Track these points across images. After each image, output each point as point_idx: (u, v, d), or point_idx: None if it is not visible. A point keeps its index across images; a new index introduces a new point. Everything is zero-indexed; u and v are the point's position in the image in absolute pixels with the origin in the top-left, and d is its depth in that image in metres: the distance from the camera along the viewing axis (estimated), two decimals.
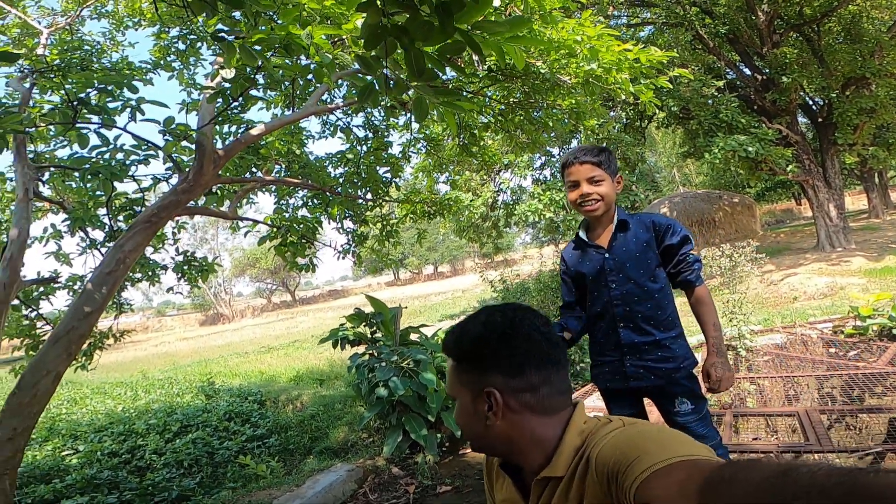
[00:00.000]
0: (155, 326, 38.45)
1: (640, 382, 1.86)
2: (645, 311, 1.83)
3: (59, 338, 2.42)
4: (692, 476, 0.61)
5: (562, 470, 0.87)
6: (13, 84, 2.83)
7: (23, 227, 2.88)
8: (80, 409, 6.90)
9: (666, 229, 1.85)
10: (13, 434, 2.43)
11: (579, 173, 1.82)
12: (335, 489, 3.39)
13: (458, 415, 0.98)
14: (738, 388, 4.02)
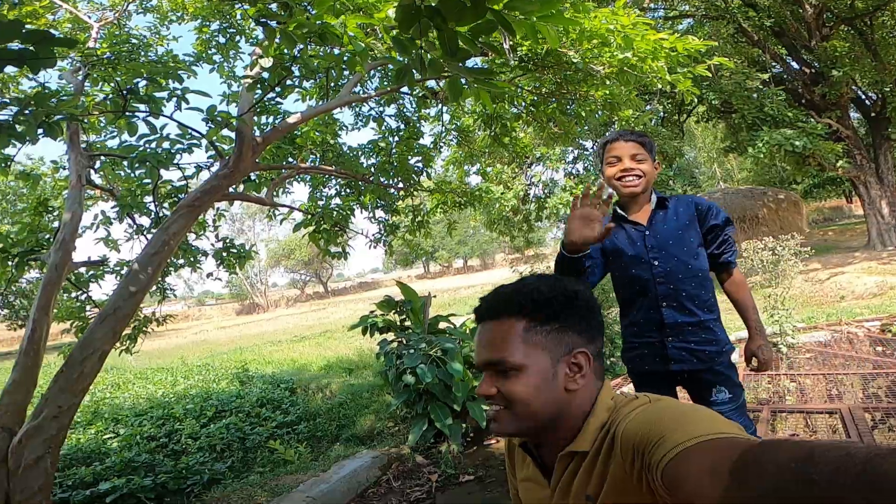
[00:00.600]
0: (195, 315, 39.92)
1: (681, 365, 1.81)
2: (689, 289, 1.79)
3: (106, 317, 2.55)
4: (722, 456, 0.59)
5: (587, 445, 0.86)
6: (67, 76, 2.99)
7: (75, 212, 3.04)
8: (124, 394, 7.19)
9: (708, 210, 1.84)
10: (59, 412, 2.51)
11: (623, 149, 1.81)
12: (359, 475, 3.45)
13: (528, 383, 0.86)
14: (778, 385, 3.90)
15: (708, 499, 0.57)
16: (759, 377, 4.05)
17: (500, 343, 0.88)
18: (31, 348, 2.63)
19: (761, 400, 3.63)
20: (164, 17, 3.91)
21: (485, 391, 0.89)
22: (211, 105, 2.48)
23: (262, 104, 3.43)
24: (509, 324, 0.88)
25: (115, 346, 4.43)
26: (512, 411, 0.87)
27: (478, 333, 0.94)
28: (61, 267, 2.87)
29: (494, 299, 0.92)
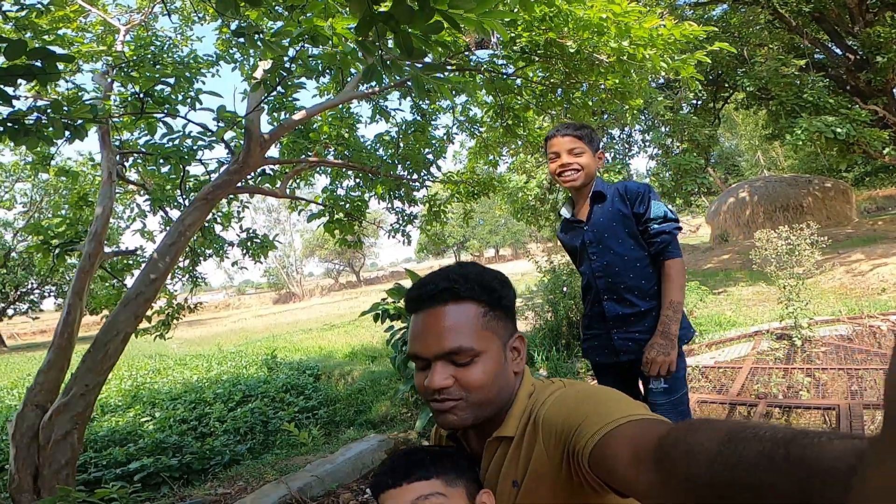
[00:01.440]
0: (235, 304, 41.44)
1: (629, 356, 1.80)
2: (628, 281, 1.79)
3: (129, 301, 2.76)
4: (642, 440, 0.60)
5: (513, 430, 0.86)
6: (97, 78, 3.22)
7: (106, 206, 3.28)
8: (162, 379, 7.57)
9: (635, 197, 1.79)
10: (85, 390, 2.65)
11: (560, 145, 1.83)
12: (364, 457, 3.58)
13: (486, 370, 0.84)
14: (791, 378, 3.81)
15: (636, 483, 0.58)
16: (772, 369, 3.97)
17: (460, 329, 0.83)
18: (65, 330, 2.85)
19: (759, 394, 3.56)
20: (187, 19, 4.12)
21: (442, 384, 0.82)
22: (220, 106, 2.64)
23: (278, 101, 3.60)
24: (466, 308, 0.85)
25: (148, 332, 4.76)
26: (469, 401, 0.84)
27: (423, 320, 0.86)
28: (94, 256, 3.10)
29: (444, 282, 0.85)
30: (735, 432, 0.46)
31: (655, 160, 10.86)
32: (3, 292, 20.81)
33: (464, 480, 0.85)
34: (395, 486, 0.82)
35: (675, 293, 1.75)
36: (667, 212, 1.79)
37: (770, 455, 0.40)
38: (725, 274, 9.89)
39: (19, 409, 2.68)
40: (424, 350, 0.85)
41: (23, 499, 2.49)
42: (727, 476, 0.43)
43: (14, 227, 20.26)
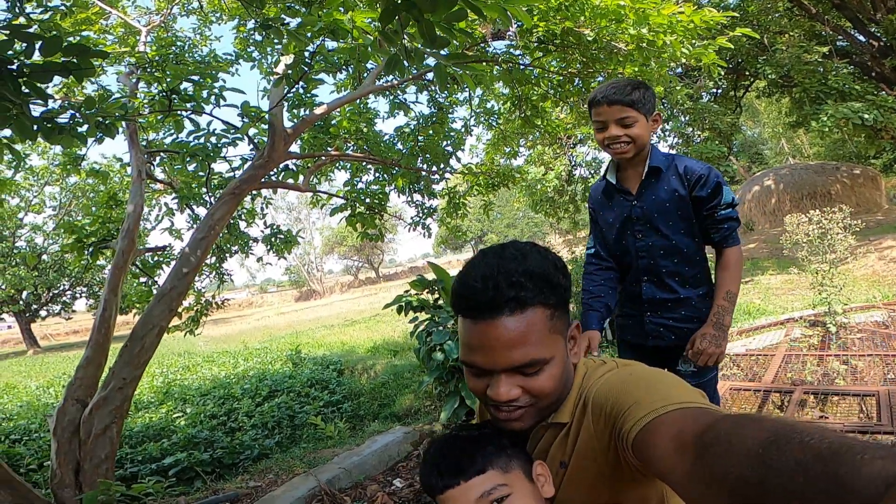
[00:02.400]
0: (258, 302, 42.13)
1: (659, 342, 1.74)
2: (671, 266, 1.69)
3: (163, 295, 2.83)
4: (686, 429, 0.59)
5: (568, 416, 0.83)
6: (122, 79, 3.32)
7: (137, 204, 3.38)
8: (192, 376, 7.72)
9: (697, 179, 1.63)
10: (123, 384, 2.69)
11: (607, 114, 1.62)
12: (390, 449, 3.61)
13: (554, 374, 0.79)
14: (827, 366, 3.73)
15: (675, 472, 0.57)
16: (806, 357, 3.89)
17: (529, 341, 0.76)
18: (102, 325, 2.91)
19: (795, 381, 3.49)
20: (205, 19, 4.21)
21: (509, 395, 0.77)
22: (244, 101, 2.70)
23: (297, 97, 3.65)
24: (534, 315, 0.76)
25: (179, 329, 4.89)
26: (537, 406, 0.81)
27: (486, 332, 0.76)
28: (127, 253, 3.19)
29: (509, 289, 0.75)
30: (780, 435, 0.45)
31: (675, 149, 10.69)
32: (36, 294, 21.49)
33: (517, 461, 0.82)
34: (452, 486, 0.78)
35: (733, 283, 1.65)
36: (733, 197, 1.67)
37: (807, 468, 0.39)
38: (752, 263, 9.69)
39: (60, 403, 2.71)
40: (487, 363, 0.77)
41: (64, 494, 2.50)
42: (758, 480, 0.43)
43: (44, 231, 20.93)
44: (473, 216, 24.79)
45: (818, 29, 10.17)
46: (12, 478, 2.33)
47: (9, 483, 2.29)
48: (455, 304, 0.81)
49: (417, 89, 4.57)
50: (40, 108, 1.67)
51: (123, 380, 2.69)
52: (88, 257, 3.87)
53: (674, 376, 0.76)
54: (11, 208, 18.48)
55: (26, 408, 6.26)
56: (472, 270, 0.80)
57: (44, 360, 15.39)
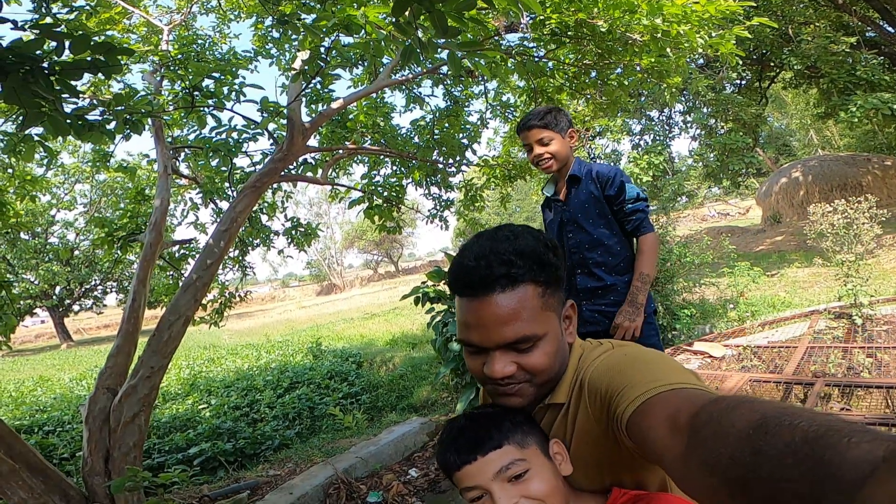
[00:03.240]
0: (280, 296, 42.81)
1: (595, 327, 1.93)
2: (596, 257, 1.94)
3: (189, 286, 2.91)
4: (680, 411, 0.58)
5: (564, 397, 0.84)
6: (147, 77, 3.42)
7: (164, 198, 3.49)
8: (217, 368, 7.94)
9: (606, 181, 1.93)
10: (151, 372, 2.73)
11: (529, 137, 1.96)
12: (406, 439, 3.69)
13: (548, 351, 0.81)
14: (851, 359, 3.66)
15: (668, 454, 0.57)
16: (830, 349, 3.82)
17: (521, 317, 0.78)
18: (131, 316, 2.98)
19: (816, 373, 3.43)
20: (224, 17, 4.30)
21: (504, 371, 0.80)
22: (263, 97, 2.77)
23: (314, 92, 3.72)
24: (525, 292, 0.78)
25: (204, 321, 5.01)
26: (534, 382, 0.82)
27: (479, 309, 0.79)
28: (155, 245, 3.28)
29: (500, 267, 0.78)
30: (770, 418, 0.45)
31: (698, 141, 10.47)
32: (69, 289, 22.19)
33: (533, 437, 0.82)
34: (469, 461, 0.78)
35: (646, 266, 1.90)
36: (639, 192, 1.94)
37: (795, 450, 0.40)
38: (779, 256, 9.48)
39: (92, 392, 2.77)
40: (482, 340, 0.80)
41: (95, 481, 2.56)
42: (748, 462, 0.43)
43: (76, 227, 21.61)
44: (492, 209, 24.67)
45: (845, 20, 9.87)
46: (46, 466, 2.38)
47: (42, 472, 2.34)
48: (451, 283, 0.84)
49: (433, 83, 4.60)
50: (71, 105, 1.75)
51: (151, 368, 2.75)
52: (118, 251, 4.01)
53: (669, 357, 0.77)
54: (43, 205, 19.09)
55: (59, 400, 6.48)
56: (466, 251, 0.83)
57: (76, 354, 15.91)
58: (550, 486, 0.78)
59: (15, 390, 8.04)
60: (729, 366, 3.99)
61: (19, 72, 1.26)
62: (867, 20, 10.15)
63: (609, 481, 0.82)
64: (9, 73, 1.24)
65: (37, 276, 19.79)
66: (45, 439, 4.47)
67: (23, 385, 8.64)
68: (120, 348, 2.90)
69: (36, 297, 20.62)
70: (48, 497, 2.28)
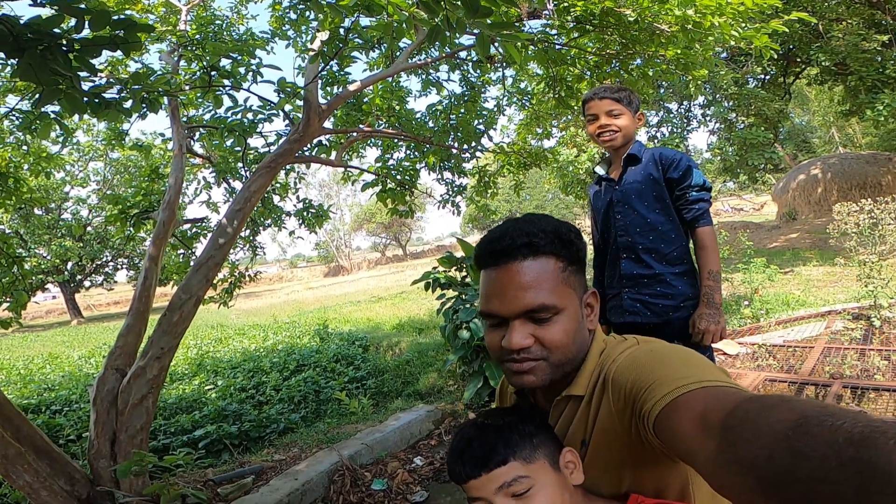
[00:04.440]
0: (288, 277, 43.11)
1: (635, 318, 1.84)
2: (647, 242, 1.84)
3: (201, 265, 2.88)
4: (710, 410, 0.57)
5: (583, 389, 0.84)
6: (164, 57, 3.39)
7: (178, 177, 3.48)
8: (224, 348, 7.83)
9: (670, 163, 1.84)
10: (160, 353, 2.69)
11: (598, 107, 1.88)
12: (413, 427, 3.68)
13: (567, 328, 0.82)
14: (867, 361, 3.60)
15: (699, 453, 0.55)
16: (845, 351, 3.76)
17: (541, 286, 0.80)
18: (143, 294, 2.96)
19: (835, 374, 3.38)
20: None
21: (522, 343, 0.80)
22: (280, 77, 2.73)
23: (331, 75, 3.67)
24: (546, 263, 0.81)
25: (213, 301, 5.03)
26: (550, 360, 0.82)
27: (500, 276, 0.81)
28: (168, 223, 3.28)
29: (522, 237, 0.81)
30: (810, 417, 0.43)
31: (717, 135, 10.28)
32: (81, 265, 22.42)
33: (542, 450, 0.82)
34: (475, 476, 0.79)
35: (713, 262, 1.80)
36: (705, 181, 1.85)
37: (839, 451, 0.38)
38: (793, 253, 9.34)
39: (100, 373, 2.73)
40: (502, 308, 0.81)
41: (100, 465, 2.52)
42: (786, 462, 0.42)
43: (89, 204, 21.79)
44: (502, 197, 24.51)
45: (878, 17, 9.61)
46: (51, 448, 2.36)
47: (48, 454, 2.32)
48: (476, 258, 0.87)
49: (450, 68, 4.53)
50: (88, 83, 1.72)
51: (161, 349, 2.71)
52: (131, 228, 4.02)
53: (697, 353, 0.75)
54: (57, 182, 19.24)
55: (68, 378, 6.41)
56: (492, 230, 0.88)
57: (86, 331, 16.04)
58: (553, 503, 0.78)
59: (24, 367, 8.00)
60: (743, 364, 3.95)
61: (37, 49, 1.23)
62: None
63: (629, 480, 0.81)
64: (26, 49, 1.22)
65: (49, 252, 20.03)
66: (52, 419, 4.43)
67: (32, 362, 8.62)
68: (130, 327, 2.87)
69: (47, 273, 20.88)
70: (53, 480, 2.25)
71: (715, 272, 1.78)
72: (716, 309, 1.75)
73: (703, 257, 1.81)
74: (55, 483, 2.27)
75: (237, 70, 3.03)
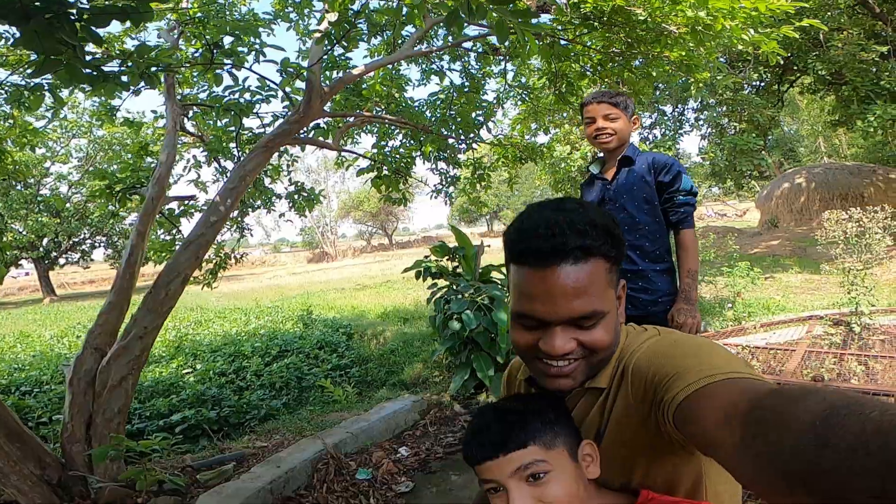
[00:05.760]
0: (271, 261, 42.64)
1: None
2: (633, 240, 1.94)
3: (190, 243, 2.81)
4: (736, 401, 0.56)
5: (606, 381, 0.82)
6: (164, 35, 3.30)
7: (170, 153, 3.40)
8: (204, 331, 7.66)
9: (662, 167, 1.94)
10: (144, 333, 2.60)
11: (596, 111, 1.98)
12: (398, 417, 3.66)
13: (609, 329, 0.78)
14: (844, 366, 3.70)
15: (723, 445, 0.54)
16: (825, 355, 3.86)
17: (591, 292, 0.75)
18: (127, 271, 2.84)
19: (817, 376, 3.48)
20: None
21: (564, 348, 0.76)
22: (284, 58, 2.69)
23: (332, 59, 3.61)
24: (598, 266, 0.75)
25: (197, 281, 4.93)
26: (588, 361, 0.79)
27: (548, 279, 0.74)
28: (157, 199, 3.19)
29: (576, 237, 0.73)
30: (838, 408, 0.42)
31: (708, 139, 10.41)
32: (56, 241, 21.81)
33: (562, 438, 0.80)
34: (492, 457, 0.77)
35: (692, 262, 1.92)
36: (692, 186, 1.96)
37: (866, 442, 0.37)
38: (773, 260, 9.54)
39: (79, 352, 2.63)
40: (548, 314, 0.75)
41: (74, 449, 2.43)
42: (812, 454, 0.41)
43: (69, 180, 21.21)
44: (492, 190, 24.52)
45: (879, 28, 9.78)
46: (22, 431, 2.29)
47: (19, 436, 2.25)
48: (513, 250, 0.79)
49: (451, 59, 4.49)
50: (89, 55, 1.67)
51: (144, 328, 2.62)
52: (116, 203, 3.92)
53: (719, 345, 0.74)
54: (38, 157, 18.70)
55: (39, 358, 6.22)
56: (532, 217, 0.78)
57: (59, 309, 15.55)
58: (568, 493, 0.76)
59: None
60: None
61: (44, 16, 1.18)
62: None
63: (641, 473, 0.80)
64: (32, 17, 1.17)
65: (25, 227, 19.48)
66: (22, 400, 4.25)
67: (2, 341, 8.31)
68: (113, 305, 2.77)
69: (22, 248, 20.31)
70: (23, 464, 2.19)
71: (693, 271, 1.92)
72: (692, 305, 1.89)
73: (683, 257, 1.93)
74: (25, 467, 2.21)
75: (236, 49, 2.95)
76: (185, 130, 4.00)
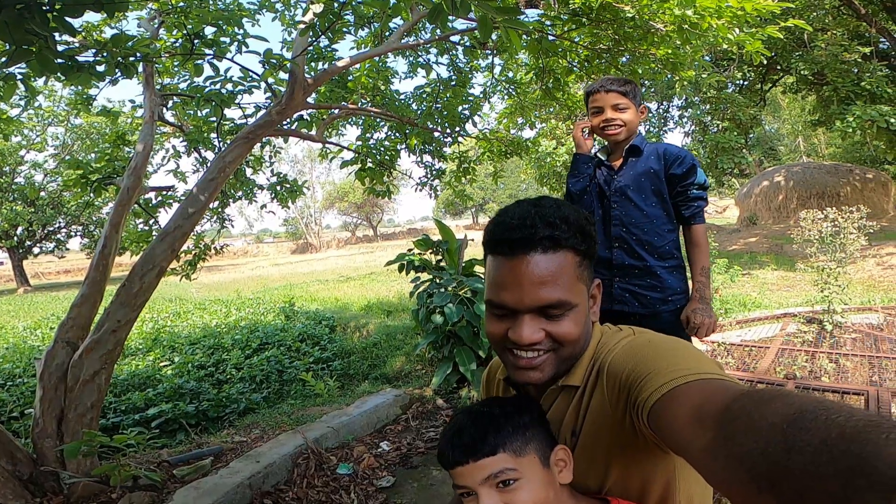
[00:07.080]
0: (253, 252, 42.14)
1: (623, 307, 1.87)
2: (641, 235, 1.85)
3: (167, 234, 2.73)
4: (708, 401, 0.57)
5: (579, 379, 0.83)
6: (144, 24, 3.20)
7: (147, 143, 3.31)
8: (182, 323, 7.51)
9: (675, 159, 1.84)
10: (117, 326, 2.55)
11: (604, 100, 1.87)
12: (380, 411, 3.65)
13: (577, 322, 0.80)
14: (816, 364, 3.80)
15: (693, 445, 0.55)
16: (797, 353, 3.96)
17: (558, 281, 0.77)
18: (101, 262, 2.77)
19: (789, 375, 3.56)
20: None
21: (532, 337, 0.78)
22: (267, 49, 2.62)
23: (317, 51, 3.55)
24: (566, 258, 0.77)
25: (175, 273, 4.84)
26: (559, 354, 0.81)
27: (517, 267, 0.77)
28: (132, 190, 3.10)
29: (545, 228, 0.76)
30: (807, 412, 0.43)
31: (691, 137, 10.53)
32: (31, 230, 21.24)
33: (534, 444, 0.80)
34: (462, 463, 0.78)
35: (704, 259, 1.85)
36: (706, 180, 1.88)
37: (831, 446, 0.38)
38: (750, 257, 9.73)
39: (50, 346, 2.58)
40: (516, 301, 0.78)
41: (45, 444, 2.39)
42: (780, 457, 0.42)
43: (45, 169, 20.62)
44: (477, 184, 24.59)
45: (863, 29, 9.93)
46: None
47: None
48: (487, 242, 0.82)
49: (438, 52, 4.45)
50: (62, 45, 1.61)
51: (118, 322, 2.56)
52: (91, 193, 3.81)
53: (693, 346, 0.75)
54: (13, 146, 18.13)
55: (12, 350, 6.07)
56: (508, 212, 0.82)
57: (33, 300, 15.20)
58: (536, 500, 0.77)
59: None
60: None
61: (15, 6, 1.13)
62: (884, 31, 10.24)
63: (616, 472, 0.81)
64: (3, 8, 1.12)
65: None
66: None
67: None
68: (85, 297, 2.70)
69: None
70: None
71: (706, 269, 1.84)
72: (707, 303, 1.81)
73: (696, 254, 1.86)
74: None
75: (219, 39, 2.88)
76: (163, 120, 3.90)
